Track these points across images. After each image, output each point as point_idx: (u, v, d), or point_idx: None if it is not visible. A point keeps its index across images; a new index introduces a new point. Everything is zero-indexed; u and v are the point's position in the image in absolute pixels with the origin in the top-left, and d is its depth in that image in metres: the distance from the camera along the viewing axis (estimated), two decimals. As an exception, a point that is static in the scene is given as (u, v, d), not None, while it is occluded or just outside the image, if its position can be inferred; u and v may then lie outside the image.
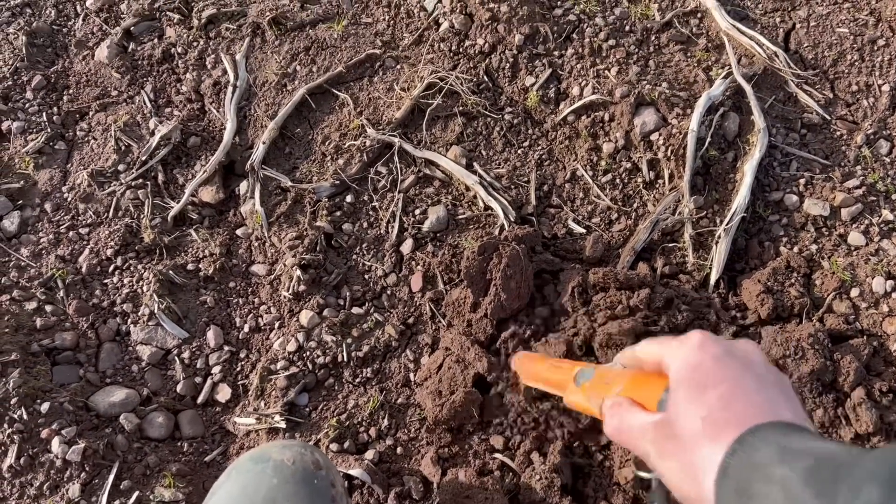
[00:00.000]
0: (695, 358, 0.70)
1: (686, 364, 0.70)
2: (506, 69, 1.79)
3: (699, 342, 0.71)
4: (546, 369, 1.19)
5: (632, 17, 1.86)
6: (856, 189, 1.58)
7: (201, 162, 1.80)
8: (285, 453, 1.08)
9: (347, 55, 1.90)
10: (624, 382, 0.81)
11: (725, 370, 0.68)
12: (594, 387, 0.91)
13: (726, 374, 0.67)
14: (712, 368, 0.68)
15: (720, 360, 0.68)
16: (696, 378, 0.68)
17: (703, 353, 0.70)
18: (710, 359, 0.69)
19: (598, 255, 1.56)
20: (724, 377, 0.67)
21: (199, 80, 1.92)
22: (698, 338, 0.72)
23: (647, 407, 0.75)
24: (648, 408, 0.74)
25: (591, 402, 0.91)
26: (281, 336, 1.53)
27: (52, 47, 2.08)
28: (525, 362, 1.28)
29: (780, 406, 0.64)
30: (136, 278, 1.64)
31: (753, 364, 0.69)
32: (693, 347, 0.71)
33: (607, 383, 0.87)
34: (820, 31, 1.81)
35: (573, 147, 1.72)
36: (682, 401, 0.67)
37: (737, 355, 0.69)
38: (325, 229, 1.63)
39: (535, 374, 1.23)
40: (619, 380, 0.83)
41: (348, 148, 1.75)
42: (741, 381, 0.66)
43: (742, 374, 0.67)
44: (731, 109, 1.69)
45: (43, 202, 1.79)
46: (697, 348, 0.70)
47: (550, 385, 1.16)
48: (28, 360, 1.49)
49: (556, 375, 1.12)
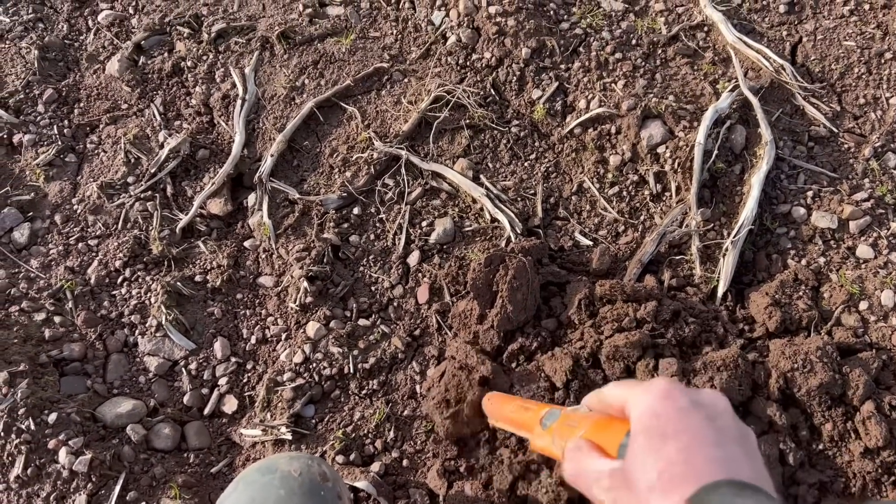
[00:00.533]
0: (658, 406, 0.68)
1: (649, 412, 0.68)
2: (513, 82, 1.80)
3: (664, 390, 0.70)
4: (514, 410, 1.16)
5: (638, 30, 1.87)
6: (864, 202, 1.58)
7: (210, 174, 1.81)
8: (293, 465, 1.08)
9: (355, 69, 1.91)
10: (587, 426, 0.80)
11: (687, 421, 0.66)
12: (559, 430, 0.90)
13: (688, 425, 0.65)
14: (674, 419, 0.66)
15: (683, 411, 0.67)
16: (656, 427, 0.66)
17: (666, 402, 0.68)
18: (674, 409, 0.67)
19: (605, 267, 1.56)
20: (685, 429, 0.65)
21: (208, 93, 1.93)
22: (664, 385, 0.70)
23: (607, 452, 0.73)
24: (609, 453, 0.73)
25: (555, 445, 0.90)
26: (287, 348, 1.54)
27: (63, 61, 2.11)
28: (494, 402, 1.26)
29: (739, 464, 0.63)
30: (144, 290, 1.65)
31: (717, 416, 0.67)
32: (657, 395, 0.69)
33: (571, 426, 0.85)
34: (827, 44, 1.82)
35: (580, 160, 1.72)
36: (641, 450, 0.66)
37: (701, 407, 0.68)
38: (333, 241, 1.64)
39: (503, 415, 1.21)
40: (583, 423, 0.82)
41: (356, 160, 1.76)
42: (702, 434, 0.65)
43: (704, 428, 0.65)
44: (737, 122, 1.69)
45: (53, 214, 1.80)
46: (662, 396, 0.69)
47: (517, 427, 1.14)
48: (36, 370, 1.49)
49: (523, 417, 1.10)
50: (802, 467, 1.26)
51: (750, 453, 0.65)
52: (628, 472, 0.66)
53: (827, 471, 1.27)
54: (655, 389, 0.70)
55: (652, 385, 0.71)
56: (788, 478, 1.25)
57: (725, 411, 0.69)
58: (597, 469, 0.71)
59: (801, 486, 1.24)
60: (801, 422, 1.30)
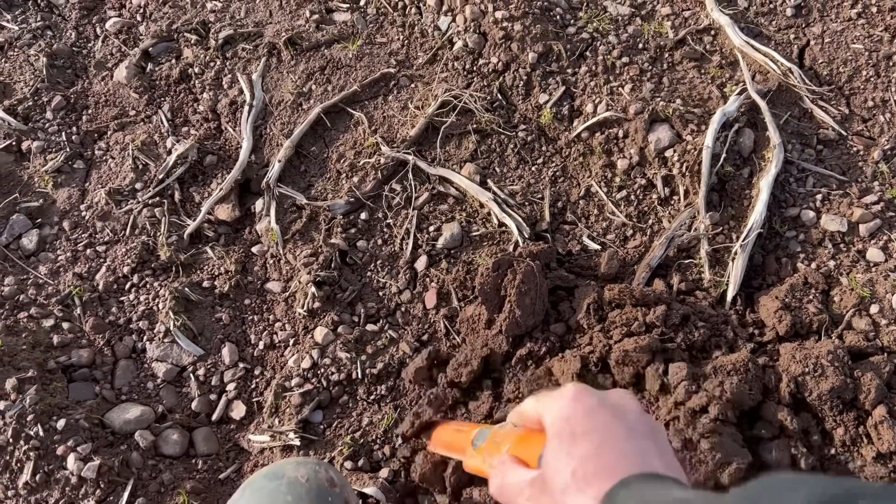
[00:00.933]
0: (567, 410, 0.69)
1: (559, 416, 0.69)
2: (519, 87, 1.80)
3: (573, 394, 0.71)
4: (448, 434, 1.18)
5: (645, 34, 1.86)
6: (874, 205, 1.57)
7: (217, 180, 1.82)
8: (299, 470, 1.08)
9: (362, 74, 1.91)
10: (511, 441, 0.81)
11: (595, 421, 0.67)
12: (489, 449, 0.91)
13: (596, 425, 0.67)
14: (583, 419, 0.68)
15: (591, 411, 0.68)
16: (567, 430, 0.67)
17: (575, 404, 0.69)
18: (582, 410, 0.68)
19: (614, 271, 1.55)
20: (593, 428, 0.66)
21: (215, 99, 1.94)
22: (572, 390, 0.72)
23: (529, 464, 0.74)
24: (531, 465, 0.74)
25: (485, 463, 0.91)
26: (295, 353, 1.53)
27: (71, 68, 2.12)
28: (435, 430, 1.27)
29: (650, 456, 0.64)
30: (152, 296, 1.65)
31: (626, 413, 0.69)
32: (566, 399, 0.70)
33: (497, 443, 0.87)
34: (835, 47, 1.81)
35: (587, 164, 1.72)
36: (554, 454, 0.67)
37: (609, 406, 0.69)
38: (340, 246, 1.64)
39: (438, 439, 1.22)
40: (508, 439, 0.83)
41: (363, 166, 1.76)
42: (612, 431, 0.66)
43: (614, 426, 0.66)
44: (745, 125, 1.68)
45: (61, 220, 1.81)
46: (571, 400, 0.70)
47: (452, 450, 1.15)
48: (45, 376, 1.49)
49: (455, 439, 1.12)
50: (814, 472, 1.25)
51: (661, 446, 0.66)
52: (546, 478, 0.67)
53: (839, 476, 1.25)
54: (565, 395, 0.72)
55: (561, 392, 0.73)
56: (800, 483, 1.24)
57: (633, 408, 0.70)
58: (518, 480, 0.72)
59: (813, 492, 1.23)
60: (812, 426, 1.29)
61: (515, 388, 1.39)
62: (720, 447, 1.19)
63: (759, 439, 1.26)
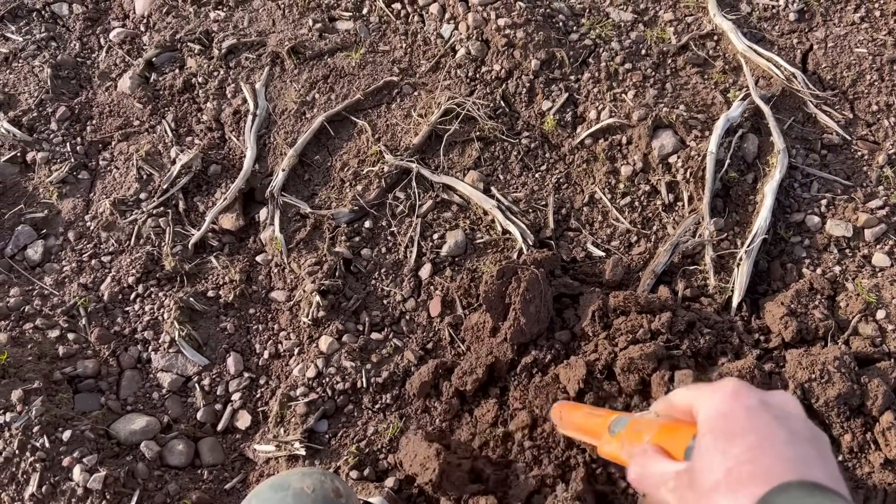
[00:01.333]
0: (726, 406, 0.67)
1: (716, 412, 0.67)
2: (522, 94, 1.80)
3: (733, 390, 0.68)
4: (582, 417, 1.17)
5: (648, 40, 1.86)
6: (879, 209, 1.57)
7: (221, 190, 1.82)
8: (305, 481, 1.08)
9: (365, 83, 1.91)
10: (654, 430, 0.80)
11: (757, 421, 0.64)
12: (627, 436, 0.90)
13: (757, 425, 0.64)
14: (743, 418, 0.65)
15: (752, 411, 0.65)
16: (724, 427, 0.65)
17: (735, 401, 0.66)
18: (742, 408, 0.65)
19: (618, 278, 1.55)
20: (753, 428, 0.63)
21: (219, 109, 1.94)
22: (732, 385, 0.69)
23: (674, 456, 0.73)
24: (676, 456, 0.73)
25: (623, 451, 0.90)
26: (300, 362, 1.53)
27: (76, 79, 2.12)
28: (563, 410, 1.27)
29: (811, 465, 0.60)
30: (157, 306, 1.65)
31: (789, 418, 0.65)
32: (726, 395, 0.68)
33: (638, 432, 0.86)
34: (838, 51, 1.81)
35: (591, 170, 1.72)
36: (708, 450, 0.64)
37: (771, 407, 0.66)
38: (344, 255, 1.64)
39: (572, 422, 1.21)
40: (650, 428, 0.82)
41: (366, 174, 1.76)
42: (772, 434, 0.63)
43: (774, 428, 0.63)
44: (749, 131, 1.68)
45: (66, 231, 1.81)
46: (730, 396, 0.67)
47: (586, 433, 1.15)
48: (50, 387, 1.49)
49: (591, 423, 1.12)
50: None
51: (823, 455, 0.63)
52: (694, 473, 0.65)
53: (847, 483, 1.25)
54: (723, 389, 0.69)
55: (720, 385, 0.70)
56: (808, 490, 1.24)
57: (796, 412, 0.67)
58: (662, 470, 0.70)
59: (821, 499, 1.22)
60: (819, 433, 1.28)
61: (521, 396, 1.39)
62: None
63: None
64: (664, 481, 0.69)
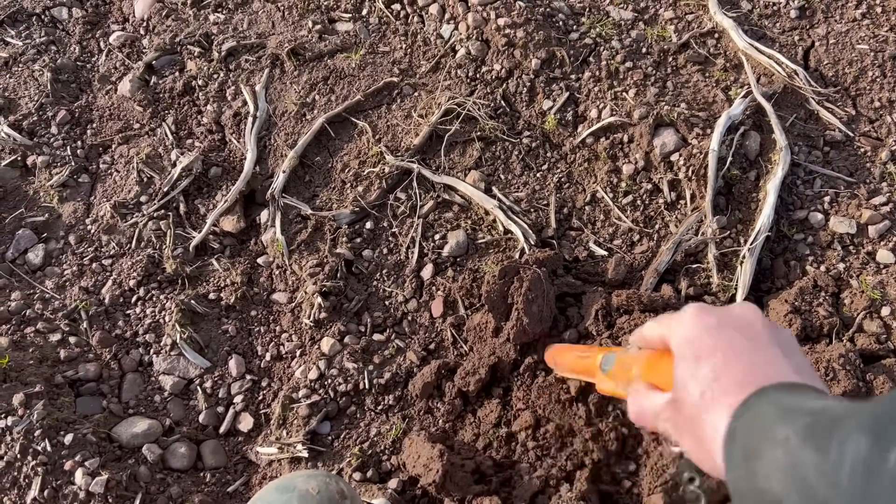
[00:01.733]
0: (690, 331, 0.69)
1: (683, 338, 0.70)
2: (523, 93, 1.79)
3: (693, 313, 0.71)
4: (573, 359, 1.22)
5: (648, 39, 1.86)
6: (882, 206, 1.56)
7: (222, 192, 1.82)
8: (310, 483, 1.07)
9: (365, 84, 1.91)
10: (640, 366, 0.83)
11: (719, 338, 0.67)
12: (617, 374, 0.94)
13: (719, 341, 0.66)
14: (705, 339, 0.67)
15: (713, 330, 0.68)
16: (692, 351, 0.68)
17: (697, 324, 0.69)
18: (704, 330, 0.68)
19: (621, 277, 1.54)
20: (717, 347, 0.66)
21: (219, 111, 1.94)
22: (692, 310, 0.72)
23: (663, 388, 0.76)
24: (665, 388, 0.75)
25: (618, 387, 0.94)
26: (302, 364, 1.53)
27: (76, 83, 2.12)
28: (556, 354, 1.32)
29: (781, 365, 0.63)
30: (158, 308, 1.65)
31: (750, 326, 0.68)
32: (688, 321, 0.71)
33: (626, 368, 0.89)
34: (840, 48, 1.80)
35: (592, 169, 1.71)
36: (683, 377, 0.67)
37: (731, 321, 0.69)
38: (346, 256, 1.63)
39: (565, 364, 1.27)
40: (636, 363, 0.85)
41: (367, 175, 1.75)
42: (736, 346, 0.65)
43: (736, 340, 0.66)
44: (751, 128, 1.68)
45: (67, 234, 1.81)
46: (692, 320, 0.70)
47: (581, 373, 1.20)
48: (52, 391, 1.49)
49: (583, 365, 1.15)
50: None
51: (790, 353, 0.65)
52: (679, 401, 0.68)
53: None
54: (685, 315, 0.71)
55: (681, 313, 0.73)
56: (814, 488, 1.23)
57: (755, 318, 0.69)
58: (654, 404, 0.73)
59: (828, 497, 1.21)
60: (825, 431, 1.27)
61: (524, 396, 1.38)
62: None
63: (772, 445, 1.25)
64: (658, 414, 0.73)
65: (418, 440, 1.33)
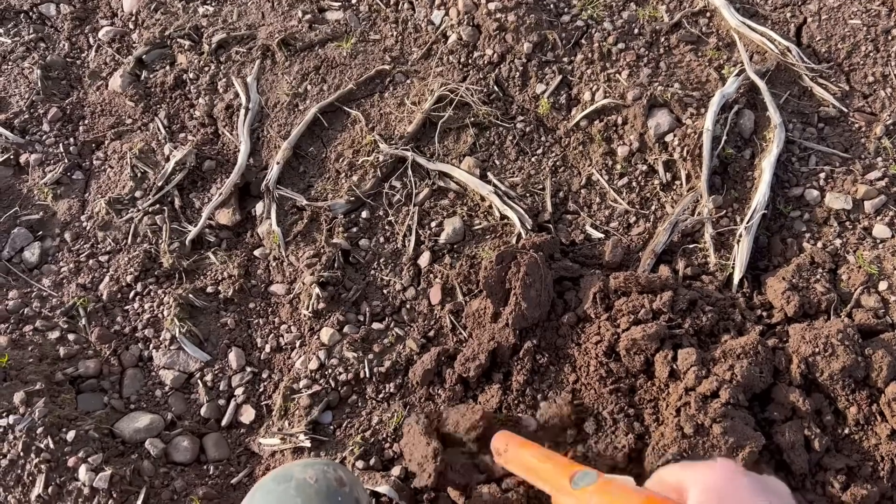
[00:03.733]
0: (720, 483, 0.68)
1: (710, 488, 0.68)
2: (516, 78, 1.78)
3: (728, 469, 0.70)
4: (534, 457, 1.11)
5: (640, 19, 1.85)
6: (878, 181, 1.56)
7: (217, 185, 1.81)
8: (308, 472, 1.07)
9: (357, 72, 1.90)
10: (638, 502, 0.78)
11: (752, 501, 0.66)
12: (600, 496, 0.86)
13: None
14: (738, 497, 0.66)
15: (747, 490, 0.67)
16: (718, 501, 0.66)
17: (730, 480, 0.68)
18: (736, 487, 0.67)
19: (618, 259, 1.54)
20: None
21: (211, 104, 1.93)
22: (727, 465, 0.70)
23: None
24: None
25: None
26: (302, 355, 1.53)
27: (66, 79, 2.11)
28: (510, 444, 1.18)
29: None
30: (156, 303, 1.64)
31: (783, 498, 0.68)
32: (721, 474, 0.69)
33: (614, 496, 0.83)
34: (832, 23, 1.79)
35: (587, 152, 1.71)
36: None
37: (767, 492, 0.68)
38: (342, 246, 1.63)
39: (520, 460, 1.14)
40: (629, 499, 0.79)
41: (362, 164, 1.75)
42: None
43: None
44: (745, 107, 1.67)
45: (62, 232, 1.80)
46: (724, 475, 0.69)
47: (538, 478, 1.08)
48: (53, 389, 1.49)
49: (545, 468, 1.06)
50: (828, 453, 1.24)
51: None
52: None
53: (854, 455, 1.25)
54: (719, 468, 0.70)
55: (713, 463, 0.71)
56: (815, 464, 1.23)
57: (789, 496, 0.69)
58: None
59: (828, 472, 1.22)
60: (824, 407, 1.28)
61: (524, 381, 1.38)
62: (732, 431, 1.19)
63: (772, 422, 1.25)
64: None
65: (416, 429, 1.33)
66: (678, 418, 1.24)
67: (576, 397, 1.35)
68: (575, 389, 1.37)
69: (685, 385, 1.26)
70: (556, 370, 1.41)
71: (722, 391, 1.22)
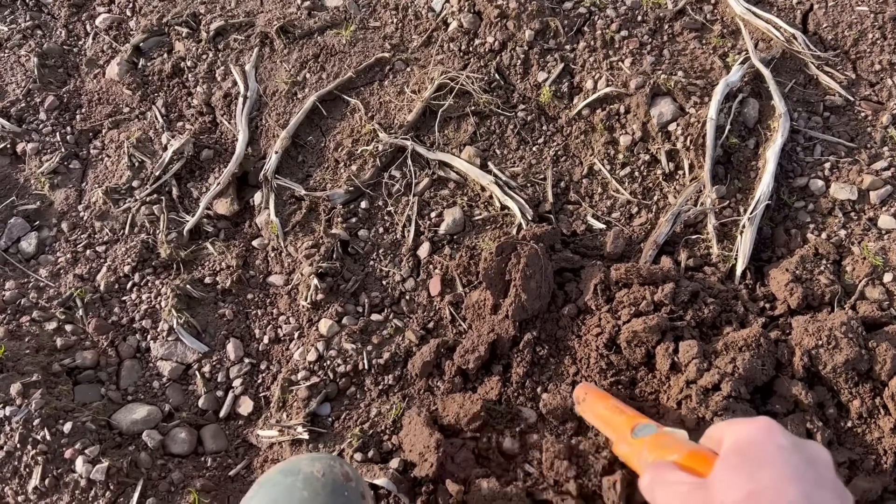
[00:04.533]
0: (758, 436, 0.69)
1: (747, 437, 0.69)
2: (517, 66, 1.76)
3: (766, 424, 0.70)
4: (607, 408, 1.18)
5: (644, 6, 1.82)
6: (884, 171, 1.54)
7: (215, 174, 1.80)
8: (315, 465, 1.07)
9: (357, 60, 1.88)
10: (682, 453, 0.81)
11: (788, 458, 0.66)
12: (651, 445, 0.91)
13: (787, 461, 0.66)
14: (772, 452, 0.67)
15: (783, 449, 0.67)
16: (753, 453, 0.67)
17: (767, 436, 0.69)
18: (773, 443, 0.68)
19: (620, 250, 1.52)
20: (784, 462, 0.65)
21: (209, 92, 1.91)
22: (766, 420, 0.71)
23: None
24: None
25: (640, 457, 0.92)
26: (301, 346, 1.52)
27: (63, 67, 2.09)
28: (589, 395, 1.26)
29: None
30: (154, 294, 1.63)
31: (819, 463, 0.67)
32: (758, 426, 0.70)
33: (665, 447, 0.87)
34: (839, 10, 1.76)
35: (589, 141, 1.69)
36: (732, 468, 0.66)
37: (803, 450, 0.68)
38: (341, 236, 1.62)
39: (595, 411, 1.22)
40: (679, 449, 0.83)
41: (361, 153, 1.73)
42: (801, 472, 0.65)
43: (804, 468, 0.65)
44: (750, 95, 1.65)
45: (59, 222, 1.79)
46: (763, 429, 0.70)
47: (606, 426, 1.15)
48: (49, 380, 1.48)
49: (615, 419, 1.12)
50: (831, 446, 1.23)
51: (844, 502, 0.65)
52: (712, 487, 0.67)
53: (857, 448, 1.23)
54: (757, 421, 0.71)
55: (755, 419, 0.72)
56: (817, 458, 1.22)
57: (828, 463, 0.69)
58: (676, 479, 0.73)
59: (831, 466, 1.21)
60: (827, 400, 1.26)
61: (524, 373, 1.37)
62: (734, 425, 1.17)
63: (774, 415, 1.24)
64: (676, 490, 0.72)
65: (417, 420, 1.32)
66: (679, 411, 1.23)
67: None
68: (575, 382, 1.35)
69: (686, 378, 1.24)
70: (557, 362, 1.39)
71: (724, 384, 1.21)
